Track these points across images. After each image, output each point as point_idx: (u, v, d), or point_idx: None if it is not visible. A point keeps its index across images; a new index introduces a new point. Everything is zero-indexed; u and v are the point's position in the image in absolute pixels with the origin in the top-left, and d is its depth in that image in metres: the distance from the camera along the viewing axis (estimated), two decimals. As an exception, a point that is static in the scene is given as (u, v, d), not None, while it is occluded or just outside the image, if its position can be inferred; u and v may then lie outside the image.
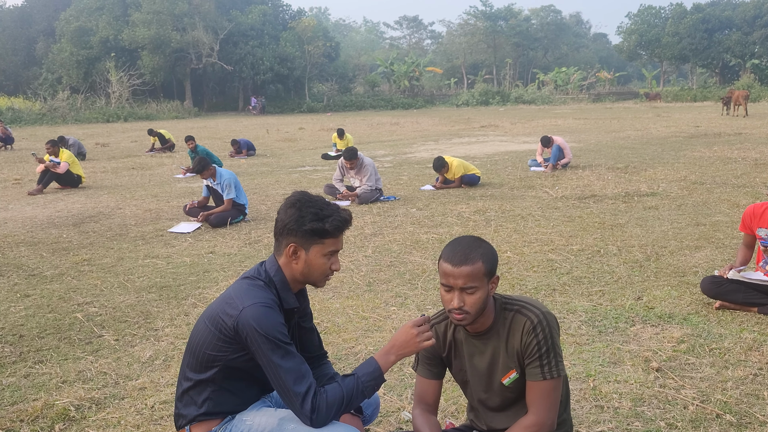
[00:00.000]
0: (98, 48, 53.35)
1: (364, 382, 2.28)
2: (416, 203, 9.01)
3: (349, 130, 24.83)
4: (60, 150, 12.02)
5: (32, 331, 4.51)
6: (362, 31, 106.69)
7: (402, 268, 5.70)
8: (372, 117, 39.21)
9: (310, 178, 12.29)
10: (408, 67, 61.39)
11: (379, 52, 80.00)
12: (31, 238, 7.61)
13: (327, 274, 2.40)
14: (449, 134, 23.28)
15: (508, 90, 59.30)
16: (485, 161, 13.93)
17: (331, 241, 2.36)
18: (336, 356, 3.83)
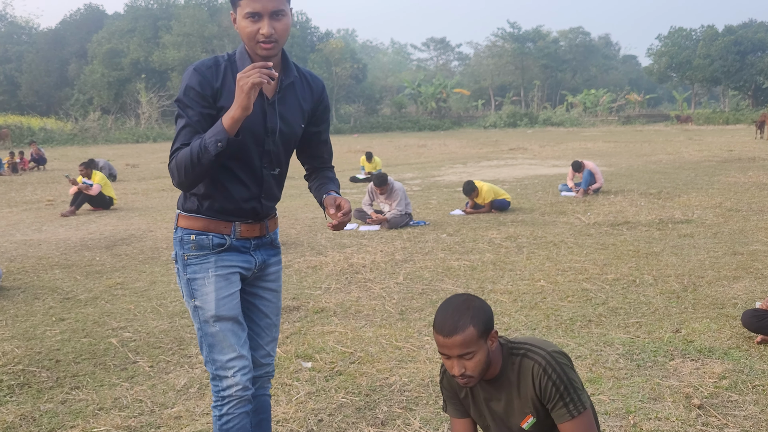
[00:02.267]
0: (129, 69, 54.50)
1: (207, 138, 2.20)
2: (446, 228, 8.97)
3: (376, 152, 24.92)
4: (93, 172, 12.21)
5: (68, 356, 4.55)
6: (389, 52, 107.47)
7: (434, 297, 5.66)
8: (399, 139, 39.35)
9: (339, 201, 12.30)
10: (435, 89, 61.63)
11: (406, 74, 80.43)
12: (65, 261, 7.71)
13: (256, 39, 2.24)
14: (477, 157, 23.25)
15: (536, 112, 59.22)
16: (515, 185, 13.86)
17: (246, 2, 2.22)
18: (370, 387, 3.80)
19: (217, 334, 2.38)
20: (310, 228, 9.41)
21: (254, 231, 2.49)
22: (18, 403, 3.81)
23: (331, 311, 5.33)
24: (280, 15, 2.25)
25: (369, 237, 8.58)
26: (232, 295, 2.42)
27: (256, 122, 2.32)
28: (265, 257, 2.56)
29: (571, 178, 12.28)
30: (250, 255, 2.50)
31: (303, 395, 3.73)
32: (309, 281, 6.38)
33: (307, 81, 2.51)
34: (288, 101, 2.43)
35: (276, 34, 2.25)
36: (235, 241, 2.44)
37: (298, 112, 2.47)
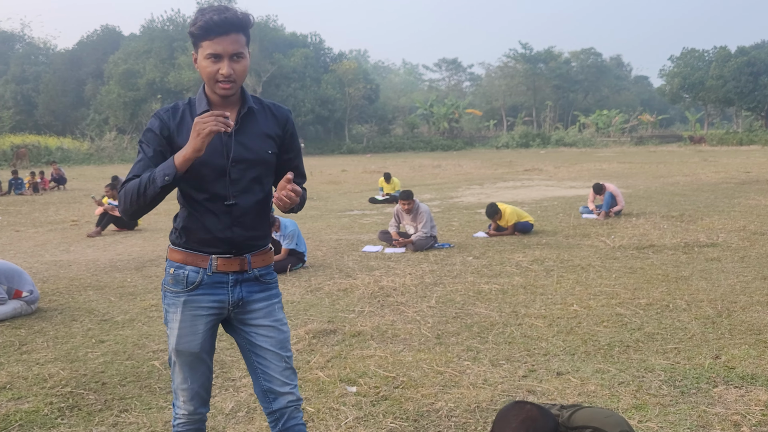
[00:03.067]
0: (145, 90, 55.07)
1: (156, 171, 2.36)
2: (471, 251, 9.02)
3: (391, 172, 25.06)
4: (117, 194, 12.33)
5: (113, 378, 4.61)
6: (401, 73, 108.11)
7: (469, 320, 5.69)
8: (413, 159, 39.50)
9: (361, 223, 12.40)
10: (447, 109, 61.91)
11: (418, 94, 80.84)
12: (97, 282, 7.80)
13: (216, 78, 2.39)
14: (493, 178, 23.31)
15: (549, 132, 59.35)
16: (534, 207, 13.90)
17: (207, 43, 2.37)
18: (418, 413, 3.83)
19: (175, 364, 2.62)
20: (335, 250, 9.47)
21: (233, 266, 2.56)
22: (70, 426, 3.87)
23: (368, 335, 5.38)
24: (240, 57, 2.40)
25: (396, 259, 8.63)
26: (195, 333, 2.56)
27: (216, 155, 2.45)
28: (245, 294, 2.59)
29: (592, 200, 12.31)
30: (226, 291, 2.57)
31: (351, 420, 3.77)
32: (341, 304, 6.43)
33: (270, 111, 2.62)
34: (248, 129, 2.54)
35: (235, 74, 2.40)
36: (209, 276, 2.54)
37: (262, 138, 2.56)
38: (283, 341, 2.65)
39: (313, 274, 7.86)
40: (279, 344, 2.63)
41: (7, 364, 4.98)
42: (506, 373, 4.43)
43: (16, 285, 6.29)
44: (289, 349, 2.67)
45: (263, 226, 2.63)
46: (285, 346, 2.65)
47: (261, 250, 2.63)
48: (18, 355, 5.20)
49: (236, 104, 2.53)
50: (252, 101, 2.56)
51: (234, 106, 2.52)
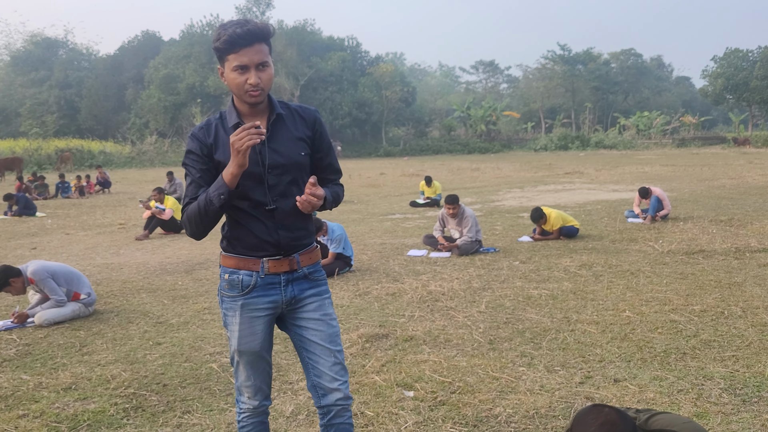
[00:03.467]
0: (185, 94, 55.88)
1: (210, 192, 2.49)
2: (518, 255, 8.98)
3: (428, 174, 25.05)
4: (165, 197, 12.59)
5: (174, 380, 4.71)
6: (437, 75, 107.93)
7: (520, 326, 5.68)
8: (450, 162, 39.41)
9: (404, 227, 12.43)
10: (485, 112, 61.61)
11: (455, 96, 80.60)
12: (149, 285, 7.97)
13: (245, 89, 2.50)
14: (533, 181, 23.15)
15: (588, 134, 58.62)
16: (578, 211, 13.78)
17: (234, 56, 2.48)
18: (477, 418, 3.85)
19: (238, 363, 2.77)
20: (380, 254, 9.52)
21: (283, 266, 2.67)
22: (135, 426, 3.97)
23: (420, 339, 5.40)
24: (265, 66, 2.52)
25: (441, 264, 8.64)
26: (254, 334, 2.70)
27: (253, 163, 2.55)
28: (297, 292, 2.71)
29: (638, 204, 12.15)
30: (279, 291, 2.68)
31: (411, 424, 3.80)
32: (391, 308, 6.47)
33: (298, 113, 2.72)
34: (279, 135, 2.64)
35: (262, 82, 2.52)
36: (262, 278, 2.66)
37: (293, 142, 2.66)
38: (333, 335, 2.74)
39: (361, 278, 7.91)
40: (328, 338, 2.72)
41: (70, 365, 5.12)
42: (562, 380, 4.42)
43: (75, 287, 6.46)
44: (339, 344, 2.76)
45: (307, 226, 2.73)
46: (334, 340, 2.74)
47: (308, 248, 2.74)
48: (79, 356, 5.35)
49: (265, 112, 2.64)
50: (280, 107, 2.67)
51: (263, 114, 2.64)
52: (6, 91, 65.42)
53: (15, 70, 67.97)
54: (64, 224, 14.79)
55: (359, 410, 4.03)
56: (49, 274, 6.31)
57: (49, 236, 12.84)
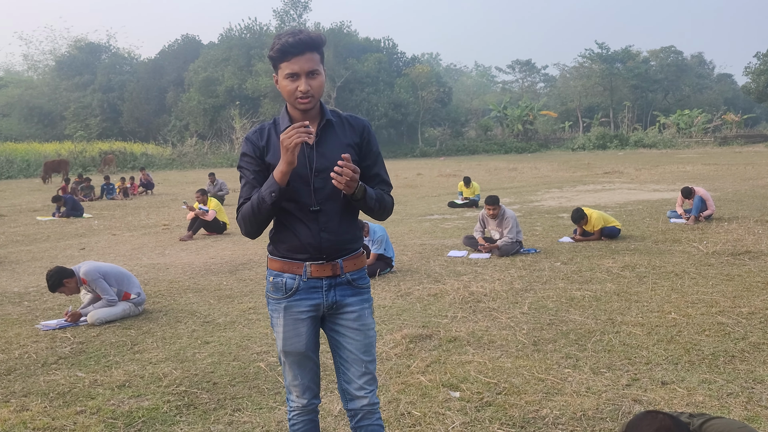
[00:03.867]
0: (224, 97, 56.57)
1: (263, 191, 2.57)
2: (559, 256, 8.94)
3: (466, 174, 24.95)
4: (208, 198, 12.81)
5: (223, 378, 4.82)
6: (473, 75, 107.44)
7: (564, 327, 5.67)
8: (487, 162, 39.24)
9: (443, 227, 12.45)
10: (521, 111, 61.14)
11: (491, 96, 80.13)
12: (195, 285, 8.13)
13: (295, 96, 2.58)
14: (572, 181, 22.94)
15: (627, 133, 57.78)
16: (618, 211, 13.63)
17: (286, 64, 2.56)
18: (524, 419, 3.87)
19: (284, 363, 2.83)
20: (421, 255, 9.56)
21: (325, 271, 2.71)
22: (188, 423, 4.08)
23: (464, 340, 5.43)
24: (315, 74, 2.59)
25: (482, 265, 8.65)
26: (298, 335, 2.75)
27: (301, 165, 2.62)
28: (339, 297, 2.74)
29: (681, 204, 11.98)
30: (321, 295, 2.72)
31: (458, 425, 3.84)
32: (433, 309, 6.51)
33: (348, 122, 2.77)
34: (327, 140, 2.70)
35: (312, 90, 2.59)
36: (304, 282, 2.70)
37: (341, 148, 2.68)
38: (368, 346, 2.78)
39: (402, 279, 7.97)
40: (363, 348, 2.77)
41: (123, 362, 5.27)
42: (609, 382, 4.41)
43: (125, 287, 6.64)
44: (372, 354, 2.80)
45: (351, 231, 2.75)
46: (368, 350, 2.79)
47: (353, 254, 2.76)
48: (131, 354, 5.50)
49: (316, 118, 2.70)
50: (330, 114, 2.73)
51: (314, 120, 2.70)
52: (51, 95, 67.04)
53: (60, 74, 69.65)
54: (110, 225, 15.14)
55: (406, 410, 4.08)
56: (100, 275, 6.50)
57: (96, 237, 13.17)
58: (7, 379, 4.99)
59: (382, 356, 5.14)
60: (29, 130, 63.65)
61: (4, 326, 6.50)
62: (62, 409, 4.36)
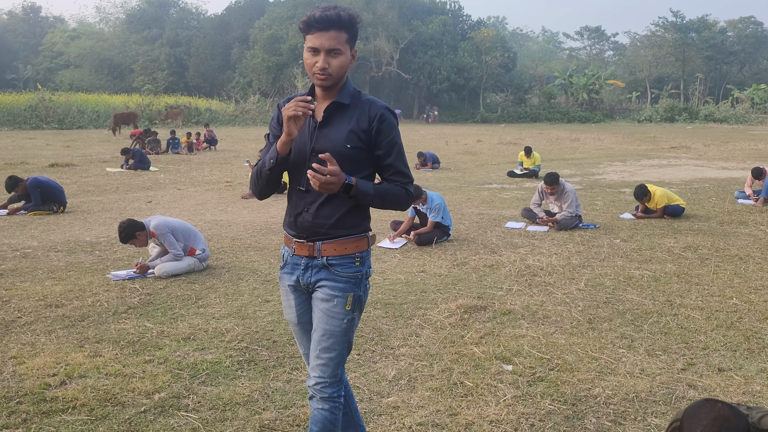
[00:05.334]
0: (287, 55, 56.77)
1: (266, 156, 2.64)
2: (618, 233, 8.83)
3: (526, 143, 24.58)
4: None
5: (282, 337, 5.00)
6: (540, 41, 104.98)
7: (621, 307, 5.65)
8: (549, 131, 38.56)
9: (501, 197, 12.40)
10: (588, 80, 59.65)
11: (557, 63, 78.30)
12: (256, 243, 8.36)
13: (313, 71, 2.57)
14: (636, 154, 22.40)
15: (697, 107, 55.79)
16: (683, 188, 13.30)
17: (309, 37, 2.56)
18: (575, 397, 3.92)
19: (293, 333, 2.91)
20: (478, 224, 9.57)
21: (303, 250, 2.72)
22: (249, 378, 4.27)
23: (518, 314, 5.48)
24: (336, 53, 2.55)
25: (540, 238, 8.62)
26: (289, 306, 2.83)
27: (303, 143, 2.64)
28: (314, 279, 2.72)
29: (750, 184, 11.62)
30: (300, 272, 2.76)
31: (510, 398, 3.91)
32: (489, 281, 6.55)
33: (363, 106, 2.68)
34: (333, 122, 2.65)
35: (330, 68, 2.55)
36: (291, 257, 2.78)
37: (344, 132, 2.64)
38: (328, 332, 2.68)
39: (458, 248, 8.01)
40: (321, 332, 2.70)
41: (188, 316, 5.51)
42: (664, 365, 4.41)
43: (191, 243, 6.89)
44: (329, 342, 2.68)
45: (337, 216, 2.66)
46: (326, 337, 2.69)
47: (337, 239, 2.67)
48: (195, 308, 5.74)
49: (332, 96, 2.68)
50: (345, 96, 2.65)
51: (329, 98, 2.68)
52: (121, 47, 68.49)
53: (129, 27, 71.03)
54: (175, 179, 15.58)
55: (459, 380, 4.18)
56: (169, 230, 6.75)
57: (162, 191, 13.59)
58: (81, 325, 5.28)
59: (436, 325, 5.24)
60: (99, 82, 65.36)
61: (77, 274, 6.85)
62: (132, 357, 4.61)
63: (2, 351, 4.70)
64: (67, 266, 7.19)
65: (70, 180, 14.86)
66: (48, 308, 5.67)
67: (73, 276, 6.77)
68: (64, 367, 4.39)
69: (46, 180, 10.85)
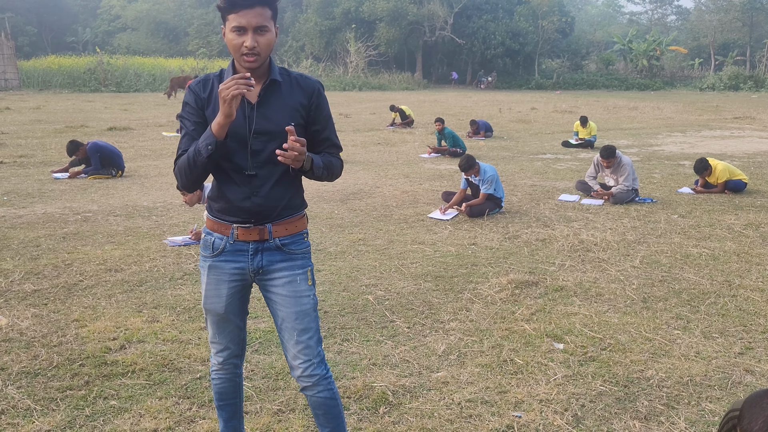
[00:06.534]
0: (340, 19, 56.49)
1: (199, 143, 2.47)
2: (676, 208, 8.61)
3: (582, 112, 24.07)
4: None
5: (333, 308, 5.06)
6: (599, 5, 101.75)
7: (677, 286, 5.53)
8: (606, 99, 37.59)
9: (555, 168, 12.20)
10: (648, 45, 57.73)
11: (616, 28, 75.93)
12: (308, 212, 8.40)
13: (240, 51, 2.45)
14: (697, 125, 21.69)
15: (764, 74, 53.55)
16: (746, 162, 12.85)
17: (233, 16, 2.43)
18: (628, 378, 3.87)
19: (206, 319, 2.83)
20: (531, 196, 9.45)
21: (252, 235, 2.63)
22: (301, 348, 4.33)
23: (571, 291, 5.42)
24: (264, 30, 2.45)
25: (594, 212, 8.47)
26: (219, 296, 2.70)
27: (239, 125, 2.52)
28: (266, 263, 2.66)
29: (818, 160, 11.15)
30: (246, 258, 2.65)
31: (560, 377, 3.89)
32: (541, 255, 6.49)
33: (297, 82, 2.63)
34: (271, 102, 2.57)
35: (259, 47, 2.45)
36: (231, 244, 2.65)
37: (286, 109, 2.58)
38: (300, 314, 2.67)
39: (510, 221, 7.94)
40: (294, 316, 2.67)
41: (242, 283, 5.60)
42: (720, 348, 4.31)
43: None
44: (306, 323, 2.68)
45: (287, 196, 2.65)
46: (300, 319, 2.67)
47: (285, 219, 2.66)
48: (249, 276, 5.83)
49: (263, 77, 2.58)
50: (278, 74, 2.60)
51: (260, 78, 2.57)
52: (176, 10, 69.18)
53: (184, -10, 71.63)
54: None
55: (509, 357, 4.17)
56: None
57: (216, 156, 13.77)
58: (140, 290, 5.44)
59: (487, 299, 5.23)
60: (155, 45, 66.28)
61: (135, 239, 7.04)
62: (188, 323, 4.73)
63: (66, 314, 4.89)
64: (126, 231, 7.39)
65: (127, 144, 15.20)
66: (108, 272, 5.85)
67: (131, 241, 6.96)
68: (123, 331, 4.54)
69: (105, 144, 11.12)
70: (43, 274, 5.81)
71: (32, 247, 6.69)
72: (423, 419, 3.44)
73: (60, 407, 3.54)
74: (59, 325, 4.65)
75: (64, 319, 4.77)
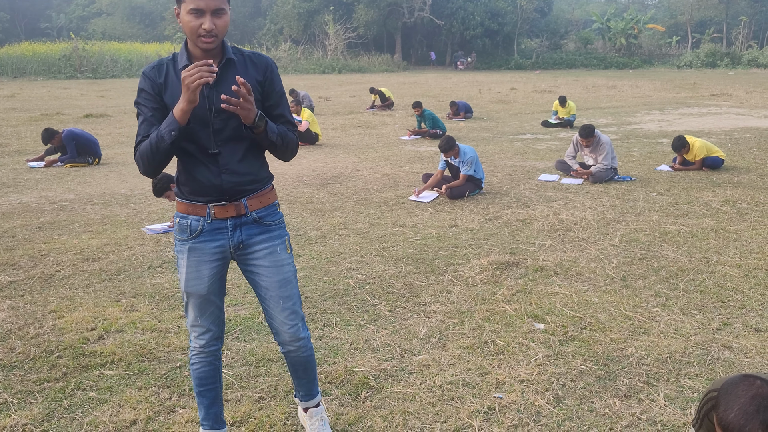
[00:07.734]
0: (318, 1, 56.01)
1: (162, 129, 2.48)
2: (655, 186, 8.66)
3: (562, 91, 24.14)
4: (301, 109, 12.97)
5: (314, 293, 5.04)
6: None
7: (656, 264, 5.57)
8: (585, 78, 37.68)
9: (535, 148, 12.21)
10: (626, 24, 57.84)
11: (595, 6, 75.97)
12: (288, 196, 8.38)
13: (198, 33, 2.47)
14: (675, 102, 21.81)
15: (740, 51, 53.88)
16: (723, 138, 12.95)
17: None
18: (607, 357, 3.89)
19: (186, 304, 2.82)
20: (511, 177, 9.46)
21: (229, 212, 2.68)
22: (282, 334, 4.31)
23: (551, 270, 5.44)
24: (221, 12, 2.48)
25: (574, 191, 8.49)
26: (200, 277, 2.72)
27: (200, 107, 2.53)
28: (245, 237, 2.72)
29: (794, 135, 11.25)
30: (226, 235, 2.70)
31: (541, 357, 3.91)
32: (521, 236, 6.50)
33: (250, 60, 2.68)
34: (228, 79, 2.57)
35: (216, 29, 2.48)
36: (209, 223, 2.68)
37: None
38: (283, 282, 2.78)
39: (491, 202, 7.94)
40: (277, 284, 2.77)
41: (221, 270, 5.56)
42: (699, 324, 4.35)
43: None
44: (289, 290, 2.81)
45: (255, 170, 2.71)
46: (284, 286, 2.79)
47: (257, 192, 2.73)
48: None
49: (217, 56, 2.61)
50: (232, 52, 2.63)
51: (215, 59, 2.60)
52: (151, -5, 68.24)
53: (159, -26, 70.57)
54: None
55: (490, 338, 4.18)
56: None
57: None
58: (118, 279, 5.38)
59: (468, 281, 5.23)
60: (131, 30, 65.33)
61: (113, 227, 6.96)
62: (167, 312, 4.69)
63: (42, 305, 4.83)
64: (103, 219, 7.30)
65: (104, 131, 15.01)
66: (85, 262, 5.78)
67: (109, 229, 6.88)
68: (101, 321, 4.49)
69: (81, 132, 10.96)
70: (18, 265, 5.73)
71: (7, 237, 6.59)
72: (405, 403, 3.44)
73: (37, 400, 3.50)
74: (36, 317, 4.59)
75: (40, 311, 4.71)
